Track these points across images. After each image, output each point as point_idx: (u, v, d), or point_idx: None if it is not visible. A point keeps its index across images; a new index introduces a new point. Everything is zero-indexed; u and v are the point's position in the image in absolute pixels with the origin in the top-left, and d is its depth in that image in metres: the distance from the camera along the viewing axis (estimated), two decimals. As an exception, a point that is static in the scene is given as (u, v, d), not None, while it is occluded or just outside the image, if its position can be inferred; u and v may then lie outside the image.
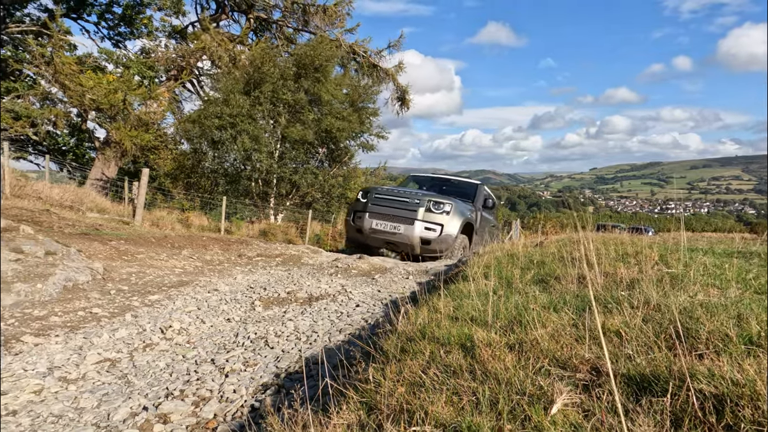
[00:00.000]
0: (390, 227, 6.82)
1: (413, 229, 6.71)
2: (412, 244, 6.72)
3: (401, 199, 6.99)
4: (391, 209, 6.94)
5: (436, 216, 6.75)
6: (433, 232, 6.69)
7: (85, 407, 1.69)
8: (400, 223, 6.80)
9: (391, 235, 6.85)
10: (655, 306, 1.74)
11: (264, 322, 2.76)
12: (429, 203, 6.79)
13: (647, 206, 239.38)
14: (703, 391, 1.02)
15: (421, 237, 6.68)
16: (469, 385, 1.17)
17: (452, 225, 6.79)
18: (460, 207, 7.06)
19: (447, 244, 6.69)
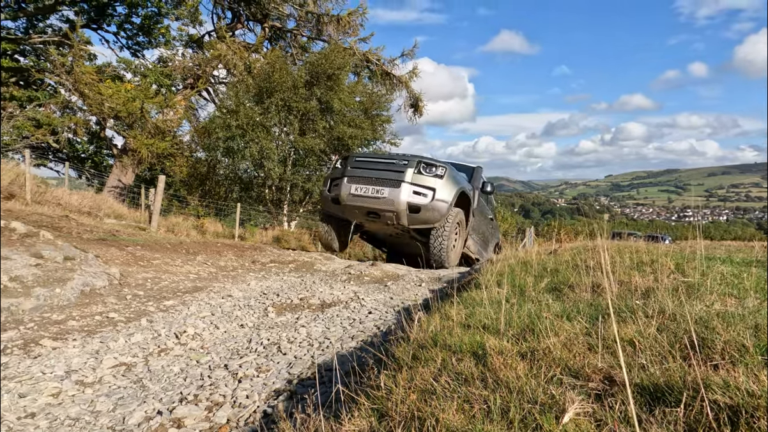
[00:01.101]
0: (372, 191, 5.88)
1: (400, 192, 5.76)
2: (398, 212, 5.77)
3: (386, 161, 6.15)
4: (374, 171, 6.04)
5: (426, 179, 5.86)
6: (423, 197, 5.77)
7: (101, 411, 1.72)
8: (384, 186, 5.86)
9: (374, 201, 5.87)
10: (670, 315, 1.72)
11: (277, 328, 2.77)
12: (419, 165, 5.92)
13: (664, 214, 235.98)
14: (717, 401, 1.00)
15: (408, 203, 5.75)
16: (481, 393, 1.17)
17: (445, 191, 5.90)
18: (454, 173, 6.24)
19: (439, 214, 5.81)
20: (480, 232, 7.71)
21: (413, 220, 5.91)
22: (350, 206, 6.08)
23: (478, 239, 7.68)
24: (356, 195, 6.00)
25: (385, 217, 5.91)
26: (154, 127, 14.68)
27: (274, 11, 16.68)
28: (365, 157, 6.37)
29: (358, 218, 6.31)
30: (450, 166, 6.07)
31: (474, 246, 7.44)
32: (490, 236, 8.44)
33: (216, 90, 18.37)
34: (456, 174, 6.30)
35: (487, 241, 8.27)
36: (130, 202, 14.40)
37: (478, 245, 7.64)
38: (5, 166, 8.67)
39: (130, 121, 14.43)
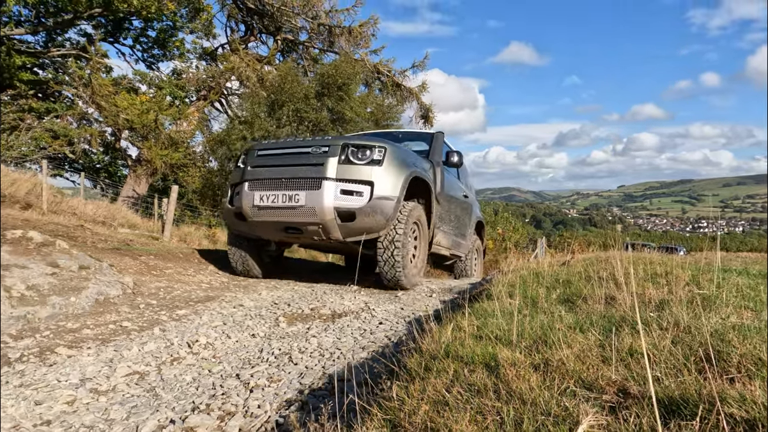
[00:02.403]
0: (283, 199, 4.23)
1: (321, 195, 4.10)
2: (323, 223, 4.16)
3: (298, 150, 4.43)
4: (283, 169, 4.38)
5: (359, 169, 4.21)
6: (357, 197, 4.15)
7: (114, 419, 1.74)
8: (299, 189, 4.22)
9: (288, 212, 4.23)
10: (685, 328, 1.70)
11: (288, 338, 2.78)
12: (346, 150, 4.28)
13: (678, 225, 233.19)
14: (734, 415, 0.99)
15: (336, 209, 4.13)
16: (494, 405, 1.16)
17: (389, 182, 4.24)
18: (399, 153, 4.48)
19: (383, 217, 4.19)
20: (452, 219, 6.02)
21: (349, 231, 4.27)
22: (259, 223, 4.45)
23: (451, 229, 6.01)
24: (263, 207, 4.35)
25: (308, 231, 4.30)
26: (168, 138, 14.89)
27: (287, 24, 16.91)
28: (270, 149, 4.65)
29: (275, 236, 4.66)
30: (392, 144, 4.47)
31: (446, 239, 5.87)
32: (466, 217, 6.75)
33: (229, 101, 18.62)
34: (403, 153, 4.63)
35: (465, 225, 6.67)
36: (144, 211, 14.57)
37: (451, 237, 6.04)
38: (23, 176, 8.84)
39: (144, 133, 14.67)
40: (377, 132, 7.71)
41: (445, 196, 5.63)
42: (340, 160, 4.26)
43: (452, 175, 6.27)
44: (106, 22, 16.31)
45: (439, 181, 5.34)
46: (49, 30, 15.89)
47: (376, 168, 4.25)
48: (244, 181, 4.57)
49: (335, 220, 4.20)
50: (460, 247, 6.55)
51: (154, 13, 14.90)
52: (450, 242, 6.04)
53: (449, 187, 5.89)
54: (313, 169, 4.26)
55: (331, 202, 4.14)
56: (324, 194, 4.14)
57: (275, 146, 4.67)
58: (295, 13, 16.35)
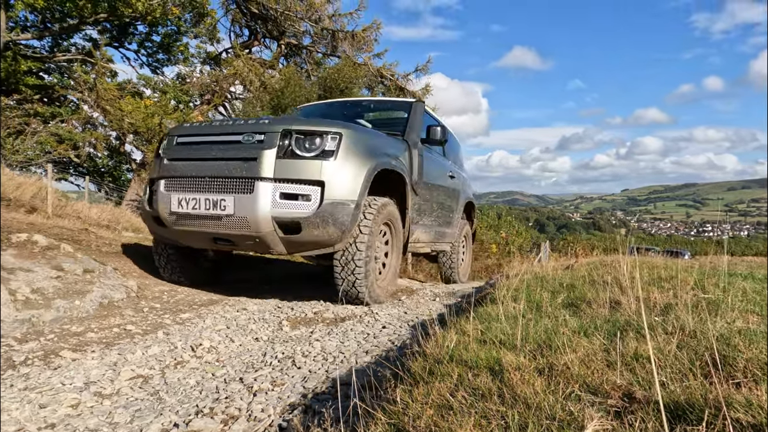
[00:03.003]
0: (206, 205, 3.35)
1: (254, 202, 3.24)
2: (260, 237, 3.32)
3: (226, 139, 3.47)
4: (206, 164, 3.45)
5: (304, 165, 3.29)
6: (303, 202, 3.27)
7: (119, 422, 1.74)
8: (225, 193, 3.34)
9: (214, 223, 3.39)
10: (690, 332, 1.69)
11: (291, 342, 2.78)
12: (288, 138, 3.33)
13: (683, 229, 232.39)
14: (740, 420, 0.98)
15: (276, 218, 3.26)
16: (498, 409, 1.16)
17: (344, 180, 3.36)
18: (361, 139, 3.58)
19: (339, 227, 3.32)
20: (434, 209, 5.07)
21: (295, 246, 3.45)
22: (180, 231, 3.59)
23: (433, 220, 5.13)
24: (182, 215, 3.47)
25: (243, 245, 3.53)
26: (172, 142, 14.92)
27: (290, 28, 16.99)
28: (193, 135, 3.67)
29: (204, 245, 3.82)
30: (351, 127, 3.57)
31: (427, 234, 4.98)
32: (453, 202, 5.80)
33: (233, 105, 18.70)
34: (367, 138, 3.72)
35: (450, 211, 5.73)
36: (148, 215, 14.59)
37: (433, 229, 5.16)
38: (28, 180, 8.89)
39: (149, 136, 14.73)
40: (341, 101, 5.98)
41: (426, 183, 4.70)
42: (279, 152, 3.28)
43: (435, 154, 5.29)
44: (111, 27, 16.43)
45: (416, 167, 4.37)
46: (54, 35, 16.01)
47: (327, 162, 3.28)
48: (160, 177, 3.64)
49: (275, 233, 3.32)
50: (444, 238, 5.66)
51: (159, 18, 15.01)
52: (432, 236, 5.17)
53: (431, 172, 4.89)
54: (243, 165, 3.29)
55: (267, 210, 3.24)
56: (258, 200, 3.23)
57: (199, 131, 3.66)
58: (299, 17, 16.42)
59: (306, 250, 3.57)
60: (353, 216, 3.41)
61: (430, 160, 4.96)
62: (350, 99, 6.98)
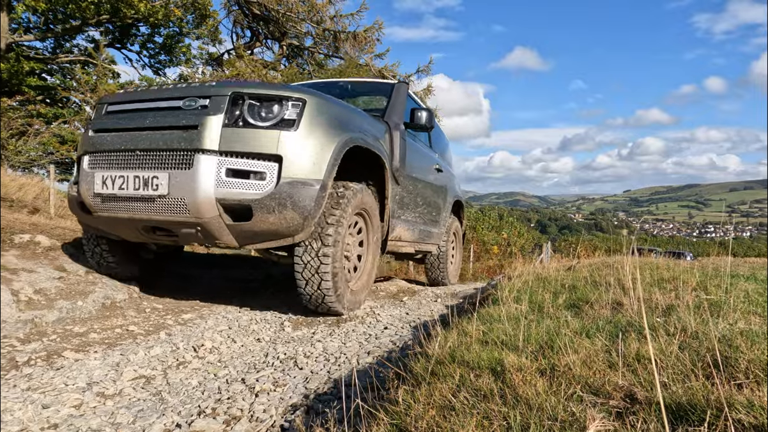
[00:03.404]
0: (135, 184, 2.82)
1: (193, 179, 2.70)
2: (202, 224, 2.78)
3: (164, 105, 2.94)
4: (138, 135, 2.90)
5: (258, 135, 2.77)
6: (256, 181, 2.75)
7: (121, 422, 1.74)
8: (157, 169, 2.79)
9: (145, 206, 2.84)
10: (692, 333, 1.69)
11: (293, 342, 2.79)
12: (239, 104, 2.82)
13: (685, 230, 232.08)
14: (741, 421, 0.98)
15: (221, 200, 2.73)
16: (500, 410, 1.16)
17: (307, 155, 2.83)
18: (329, 109, 3.06)
19: (301, 212, 2.79)
20: (418, 204, 4.52)
21: (246, 235, 2.91)
22: (106, 218, 3.01)
23: (417, 216, 4.57)
24: (107, 196, 2.91)
25: (183, 234, 2.92)
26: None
27: (292, 29, 17.02)
28: (127, 102, 3.10)
29: (138, 237, 3.20)
30: (317, 95, 3.01)
31: (411, 232, 4.40)
32: (440, 199, 5.23)
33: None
34: (336, 108, 3.17)
35: (437, 209, 5.16)
36: (150, 216, 14.62)
37: (418, 227, 4.58)
38: (31, 181, 8.91)
39: (150, 138, 14.75)
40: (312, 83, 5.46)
41: (409, 172, 4.17)
42: (228, 119, 2.75)
43: (421, 142, 4.80)
44: (114, 28, 16.48)
45: (398, 153, 3.81)
46: (57, 36, 16.07)
47: (287, 134, 2.74)
48: (84, 153, 3.07)
49: (220, 219, 2.76)
50: (430, 238, 5.06)
51: (161, 19, 15.04)
52: (416, 235, 4.56)
53: (416, 162, 4.37)
54: (181, 135, 2.74)
55: (210, 191, 2.67)
56: (198, 177, 2.66)
57: (134, 98, 3.09)
58: (300, 18, 16.44)
59: (260, 242, 2.98)
60: (318, 199, 2.83)
61: (415, 149, 4.43)
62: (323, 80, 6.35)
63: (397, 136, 3.90)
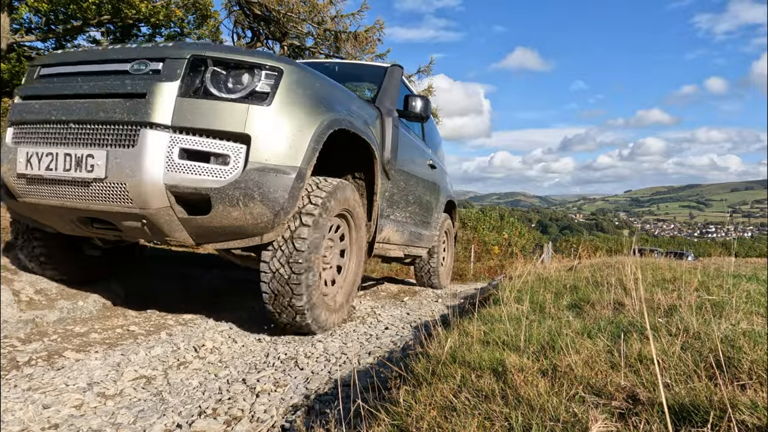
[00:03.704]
0: (66, 163, 2.26)
1: (138, 159, 2.17)
2: (148, 216, 2.26)
3: (108, 68, 2.40)
4: (74, 103, 2.33)
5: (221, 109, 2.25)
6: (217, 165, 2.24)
7: (122, 423, 1.74)
8: (93, 146, 2.25)
9: (77, 191, 2.28)
10: (694, 334, 1.69)
11: (294, 342, 2.78)
12: (200, 70, 2.30)
13: (686, 230, 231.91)
14: (745, 422, 0.98)
15: (172, 188, 2.21)
16: (502, 411, 1.16)
17: (282, 137, 2.34)
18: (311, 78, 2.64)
19: (271, 207, 2.33)
20: (410, 203, 4.10)
21: (203, 232, 2.43)
22: (35, 206, 2.49)
23: (408, 217, 4.17)
24: (33, 178, 2.39)
25: (128, 229, 2.43)
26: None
27: (293, 30, 17.02)
28: (63, 62, 2.57)
29: (72, 229, 2.66)
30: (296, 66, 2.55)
31: (401, 233, 3.99)
32: (432, 198, 4.82)
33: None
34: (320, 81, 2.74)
35: (429, 209, 4.76)
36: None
37: (408, 229, 4.18)
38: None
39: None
40: None
41: (402, 166, 3.71)
42: (185, 88, 2.24)
43: (414, 134, 4.34)
44: (115, 29, 16.49)
45: (389, 143, 3.37)
46: (58, 37, 16.09)
47: (258, 109, 2.26)
48: (10, 124, 2.56)
49: (171, 211, 2.25)
50: (421, 241, 4.64)
51: (162, 20, 15.05)
52: (406, 237, 4.14)
53: (409, 156, 3.94)
54: (124, 105, 2.24)
55: (158, 175, 2.18)
56: (143, 157, 2.16)
57: (73, 59, 2.56)
58: (301, 19, 16.44)
59: (221, 241, 2.47)
60: (292, 191, 2.35)
61: (408, 141, 4.02)
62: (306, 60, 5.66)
63: (390, 123, 3.42)
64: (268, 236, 2.47)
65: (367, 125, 3.10)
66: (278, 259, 2.51)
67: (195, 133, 2.24)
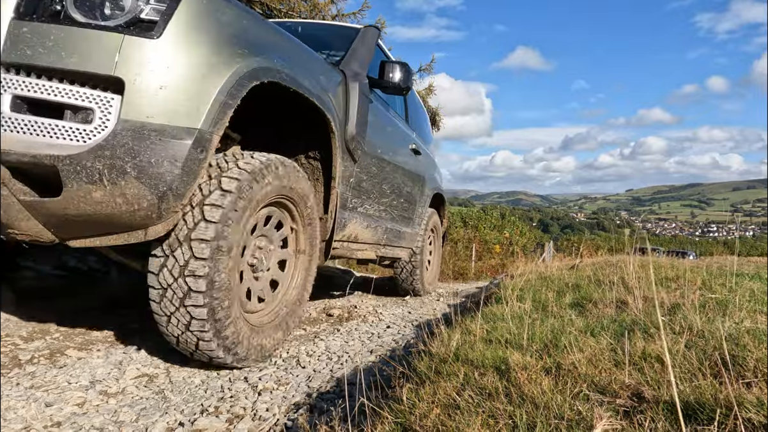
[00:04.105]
0: None
1: None
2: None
3: None
4: None
5: (82, 42, 1.45)
6: (74, 122, 1.46)
7: (124, 421, 1.74)
8: None
9: None
10: (698, 332, 1.68)
11: (295, 341, 2.78)
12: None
13: (687, 229, 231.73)
14: (752, 420, 0.97)
15: (3, 154, 1.40)
16: (505, 409, 1.15)
17: (174, 82, 1.55)
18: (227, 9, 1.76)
19: (157, 183, 1.54)
20: (384, 193, 3.36)
21: (58, 221, 1.61)
22: None
23: (383, 211, 3.42)
24: None
25: None
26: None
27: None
28: None
29: None
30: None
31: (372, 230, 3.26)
32: (415, 188, 4.04)
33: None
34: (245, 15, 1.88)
35: (411, 202, 4.02)
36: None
37: (383, 225, 3.45)
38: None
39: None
40: None
41: (374, 148, 2.99)
42: (24, 4, 1.51)
43: (394, 113, 3.62)
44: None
45: (355, 115, 2.62)
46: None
47: (140, 42, 1.55)
48: None
49: (7, 191, 1.53)
50: (400, 240, 3.87)
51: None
52: (379, 235, 3.39)
53: (383, 133, 3.21)
54: None
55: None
56: None
57: None
58: (303, 17, 16.46)
59: (90, 236, 1.75)
60: (187, 164, 1.63)
61: (384, 118, 3.26)
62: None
63: (356, 90, 2.65)
64: (154, 230, 1.71)
65: (325, 90, 2.35)
66: (170, 269, 1.78)
67: (40, 73, 1.51)
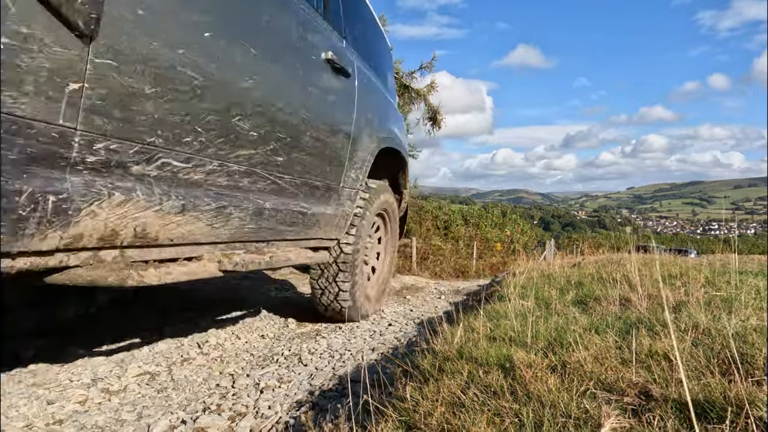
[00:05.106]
0: None
1: None
2: None
3: None
4: None
5: None
6: None
7: (126, 419, 1.73)
8: None
9: None
10: (704, 330, 1.67)
11: (297, 339, 2.77)
12: None
13: (689, 227, 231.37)
14: (762, 418, 0.96)
15: None
16: (511, 407, 1.14)
17: None
18: None
19: None
20: (243, 131, 1.62)
21: None
22: None
23: (238, 163, 1.68)
24: None
25: None
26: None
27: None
28: None
29: None
30: None
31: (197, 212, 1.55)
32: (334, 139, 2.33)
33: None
34: None
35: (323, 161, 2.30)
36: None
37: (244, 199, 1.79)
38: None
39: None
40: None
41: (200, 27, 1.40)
42: None
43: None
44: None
45: None
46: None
47: None
48: None
49: None
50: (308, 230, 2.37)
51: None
52: (237, 222, 1.81)
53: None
54: None
55: None
56: None
57: None
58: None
59: None
60: None
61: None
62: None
63: None
64: None
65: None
66: None
67: None
